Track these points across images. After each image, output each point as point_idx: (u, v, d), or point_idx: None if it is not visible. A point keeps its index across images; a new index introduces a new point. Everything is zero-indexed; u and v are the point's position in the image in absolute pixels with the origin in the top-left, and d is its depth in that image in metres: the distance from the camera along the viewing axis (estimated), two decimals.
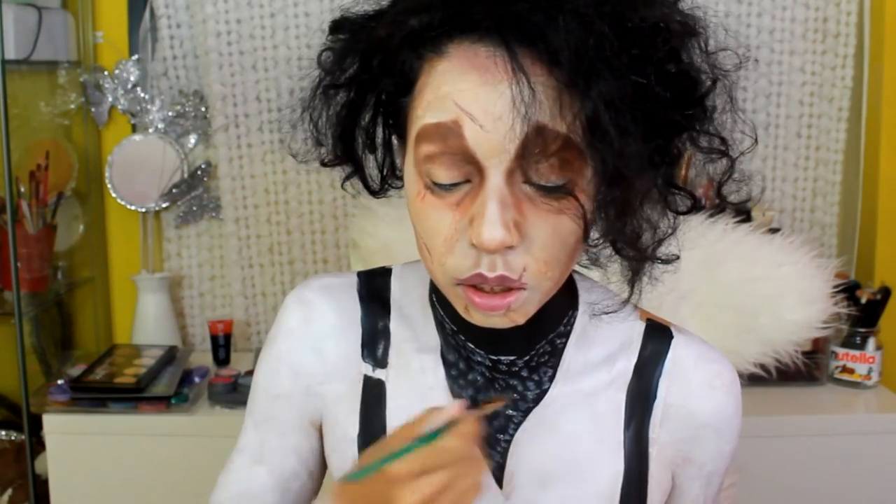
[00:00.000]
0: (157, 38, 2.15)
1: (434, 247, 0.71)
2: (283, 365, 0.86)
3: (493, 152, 0.66)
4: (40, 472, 1.93)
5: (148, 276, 2.14)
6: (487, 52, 0.66)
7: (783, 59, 2.13)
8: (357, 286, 0.87)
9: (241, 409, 1.87)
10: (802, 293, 1.39)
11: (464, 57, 0.67)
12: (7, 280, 1.93)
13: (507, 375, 0.81)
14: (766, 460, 1.82)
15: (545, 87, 0.64)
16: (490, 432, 0.81)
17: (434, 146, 0.68)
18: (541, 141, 0.65)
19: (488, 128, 0.65)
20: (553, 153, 0.66)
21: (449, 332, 0.82)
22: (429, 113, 0.68)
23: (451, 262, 0.70)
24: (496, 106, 0.65)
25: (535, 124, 0.64)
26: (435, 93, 0.68)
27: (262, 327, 2.25)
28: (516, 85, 0.63)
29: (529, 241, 0.68)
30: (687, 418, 0.82)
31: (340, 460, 0.85)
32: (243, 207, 2.18)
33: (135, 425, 1.83)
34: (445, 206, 0.69)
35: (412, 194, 0.72)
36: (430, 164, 0.69)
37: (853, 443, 1.84)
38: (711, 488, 0.88)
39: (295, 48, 2.10)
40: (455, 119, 0.66)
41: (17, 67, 1.98)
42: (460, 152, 0.67)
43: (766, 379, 1.55)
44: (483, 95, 0.65)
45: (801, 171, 2.20)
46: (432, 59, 0.69)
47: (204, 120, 2.16)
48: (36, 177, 1.98)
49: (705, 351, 0.84)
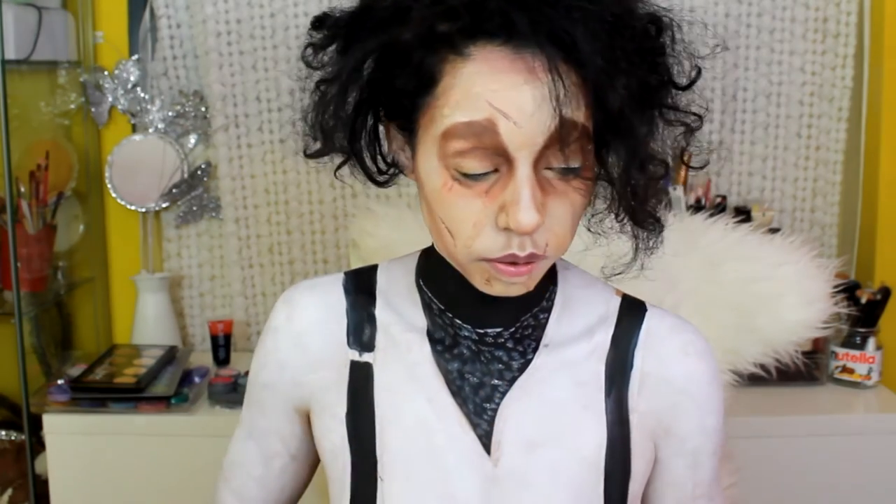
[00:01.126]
0: (157, 38, 2.15)
1: (461, 230, 0.76)
2: (271, 359, 0.92)
3: (525, 145, 0.72)
4: (40, 472, 1.93)
5: (148, 276, 2.14)
6: (514, 52, 0.71)
7: (783, 59, 2.13)
8: (343, 281, 0.92)
9: (240, 409, 1.87)
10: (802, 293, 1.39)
11: (490, 59, 0.71)
12: (7, 280, 1.93)
13: (493, 347, 0.85)
14: (766, 460, 1.82)
15: (570, 84, 0.70)
16: (477, 402, 0.85)
17: (466, 143, 0.73)
18: (565, 132, 0.71)
19: (522, 124, 0.71)
20: (574, 141, 0.73)
21: (436, 311, 0.86)
22: (458, 112, 0.73)
23: (480, 244, 0.75)
24: (530, 103, 0.70)
25: (561, 118, 0.71)
26: (465, 93, 0.72)
27: (262, 327, 2.24)
28: (552, 83, 0.69)
29: (550, 218, 0.75)
30: (662, 385, 0.87)
31: (330, 439, 0.89)
32: (243, 207, 2.18)
33: (135, 425, 1.83)
34: (474, 194, 0.74)
35: (436, 186, 0.76)
36: (460, 158, 0.74)
37: (853, 443, 1.85)
38: (701, 471, 0.89)
39: (295, 48, 2.10)
40: (489, 118, 0.71)
41: (17, 67, 1.98)
42: (492, 147, 0.72)
43: (766, 379, 1.54)
44: (517, 94, 0.71)
45: (801, 171, 2.20)
46: (455, 60, 0.73)
47: (204, 120, 2.16)
48: (36, 177, 1.98)
49: (678, 322, 0.90)
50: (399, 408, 0.85)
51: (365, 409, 0.86)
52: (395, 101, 0.78)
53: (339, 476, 0.88)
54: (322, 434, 0.90)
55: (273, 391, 0.93)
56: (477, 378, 0.85)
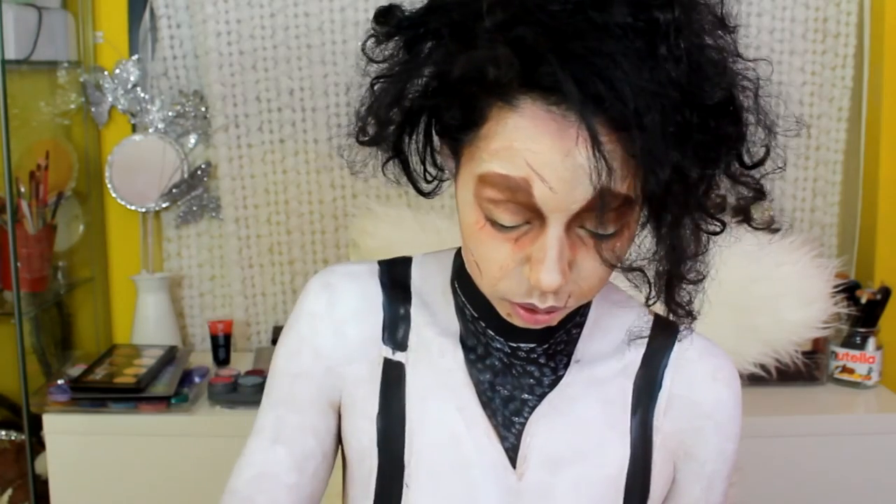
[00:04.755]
0: (157, 38, 2.15)
1: (488, 270, 0.75)
2: (306, 345, 0.88)
3: (559, 209, 0.69)
4: (40, 472, 1.93)
5: (148, 276, 2.14)
6: (562, 114, 0.66)
7: (783, 59, 2.13)
8: (378, 273, 0.89)
9: (240, 409, 1.89)
10: (802, 293, 1.39)
11: (537, 116, 0.68)
12: (7, 280, 1.93)
13: (525, 362, 0.84)
14: (766, 460, 1.82)
15: (613, 152, 0.66)
16: (506, 415, 0.84)
17: (500, 194, 0.70)
18: (603, 203, 0.68)
19: (557, 190, 0.68)
20: (613, 209, 0.69)
21: (469, 318, 0.85)
22: (496, 162, 0.70)
23: (505, 286, 0.74)
24: (567, 171, 0.67)
25: (601, 187, 0.67)
26: (505, 145, 0.69)
27: (262, 327, 2.25)
28: (592, 158, 0.65)
29: (577, 274, 0.73)
30: (689, 408, 0.86)
31: (358, 439, 0.87)
32: (243, 207, 2.18)
33: (135, 425, 1.83)
34: (504, 239, 0.73)
35: (470, 220, 0.74)
36: (493, 206, 0.71)
37: (853, 443, 1.85)
38: (714, 494, 0.89)
39: (295, 48, 2.10)
40: (525, 177, 0.68)
41: (17, 67, 1.98)
42: (525, 204, 0.70)
43: (766, 379, 1.55)
44: (556, 160, 0.67)
45: (801, 171, 2.20)
46: (502, 107, 0.69)
47: (204, 120, 2.16)
48: (36, 177, 1.98)
49: (709, 346, 0.89)
50: (429, 414, 0.84)
51: (396, 412, 0.85)
52: (445, 123, 0.76)
53: (363, 478, 0.87)
54: (351, 433, 0.87)
55: (307, 381, 0.87)
56: (507, 391, 0.84)
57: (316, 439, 0.88)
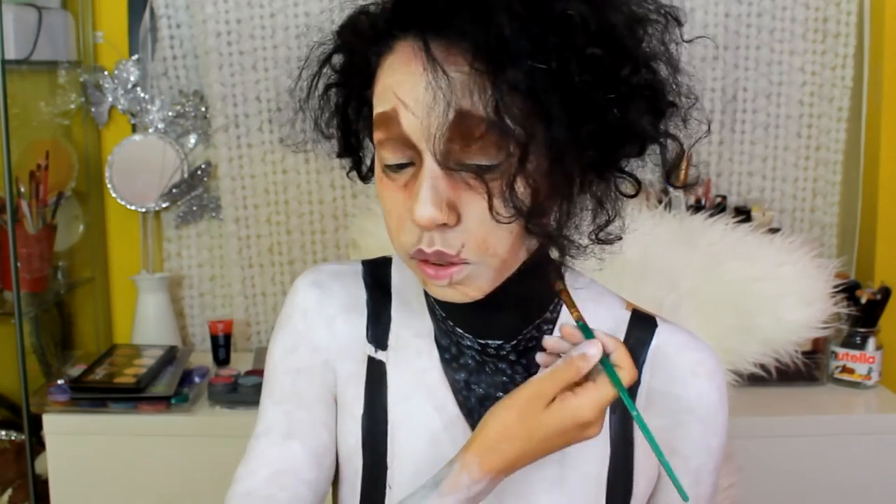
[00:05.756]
0: (157, 38, 2.15)
1: (391, 224, 0.76)
2: (303, 340, 0.88)
3: (425, 137, 0.71)
4: (40, 472, 1.93)
5: (148, 276, 2.14)
6: (417, 46, 0.71)
7: (783, 59, 2.13)
8: (362, 273, 0.91)
9: (240, 410, 1.89)
10: (802, 293, 1.38)
11: (402, 51, 0.73)
12: (7, 280, 1.93)
13: (496, 359, 0.84)
14: (766, 460, 1.82)
15: (466, 75, 0.69)
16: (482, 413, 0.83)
17: (382, 133, 0.74)
18: (465, 125, 0.69)
19: (419, 114, 0.71)
20: (479, 136, 0.70)
21: (439, 317, 0.86)
22: (378, 103, 0.74)
23: (402, 238, 0.75)
24: (426, 94, 0.70)
25: (458, 109, 0.69)
26: (381, 84, 0.74)
27: (262, 327, 2.25)
28: (431, 73, 0.69)
29: (467, 219, 0.72)
30: (670, 404, 0.85)
31: (344, 437, 0.87)
32: (243, 207, 2.18)
33: (135, 425, 1.83)
34: (396, 188, 0.75)
35: (376, 178, 0.78)
36: (381, 149, 0.75)
37: (853, 443, 1.85)
38: (701, 488, 0.88)
39: (295, 48, 2.10)
40: (394, 107, 0.72)
41: (17, 67, 1.98)
42: (400, 138, 0.72)
43: (766, 379, 1.54)
44: (415, 84, 0.71)
45: (801, 171, 2.20)
46: (385, 55, 0.75)
47: (204, 120, 2.16)
48: (36, 177, 1.98)
49: (689, 339, 0.87)
50: (409, 415, 0.85)
51: (379, 413, 0.86)
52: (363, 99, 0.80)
53: (351, 478, 0.87)
54: (340, 431, 0.88)
55: (310, 375, 0.87)
56: (482, 389, 0.85)
57: (329, 433, 0.87)
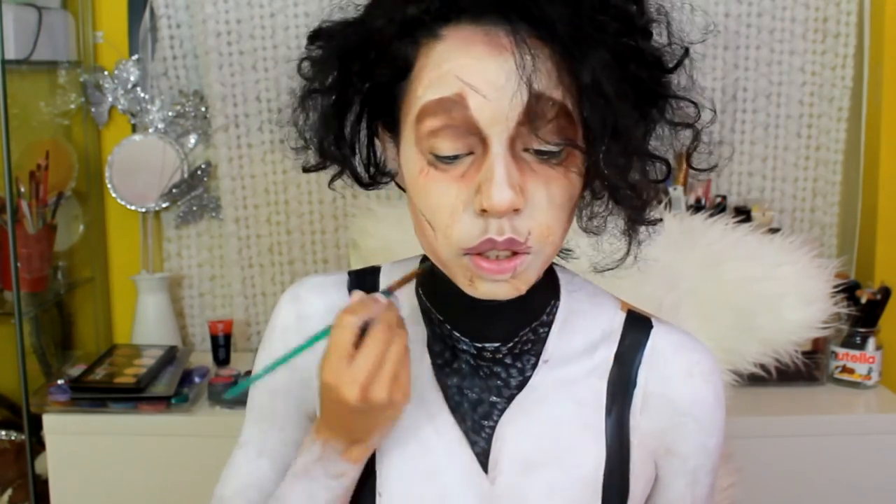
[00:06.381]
0: (157, 38, 2.15)
1: (439, 220, 0.73)
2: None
3: (496, 121, 0.69)
4: (40, 472, 1.93)
5: (148, 276, 2.14)
6: (486, 30, 0.70)
7: (783, 59, 2.13)
8: (347, 283, 0.91)
9: (241, 410, 1.86)
10: (802, 293, 1.38)
11: (461, 37, 0.71)
12: (7, 280, 1.93)
13: (492, 363, 0.83)
14: (766, 460, 1.82)
15: (542, 58, 0.69)
16: (475, 419, 0.83)
17: (438, 121, 0.71)
18: (540, 108, 0.69)
19: (491, 97, 0.69)
20: (550, 119, 0.70)
21: (435, 321, 0.85)
22: (430, 91, 0.72)
23: (458, 232, 0.72)
24: (499, 76, 0.69)
25: (535, 92, 0.68)
26: (436, 71, 0.71)
27: (262, 327, 2.25)
28: (518, 55, 0.67)
29: (532, 205, 0.72)
30: (666, 406, 0.84)
31: None
32: (243, 207, 2.18)
33: (135, 425, 1.83)
34: (449, 179, 0.72)
35: (414, 173, 0.75)
36: (434, 139, 0.72)
37: (853, 443, 1.85)
38: (699, 488, 0.88)
39: (295, 48, 2.10)
40: (459, 92, 0.70)
41: (17, 67, 1.98)
42: (464, 124, 0.70)
43: (766, 379, 1.54)
44: (485, 67, 0.69)
45: (801, 171, 2.20)
46: (429, 42, 0.72)
47: (204, 120, 2.16)
48: (36, 177, 1.98)
49: (685, 340, 0.87)
50: (399, 422, 0.83)
51: None
52: (379, 95, 0.78)
53: None
54: None
55: (286, 396, 0.90)
56: (475, 394, 0.84)
57: None
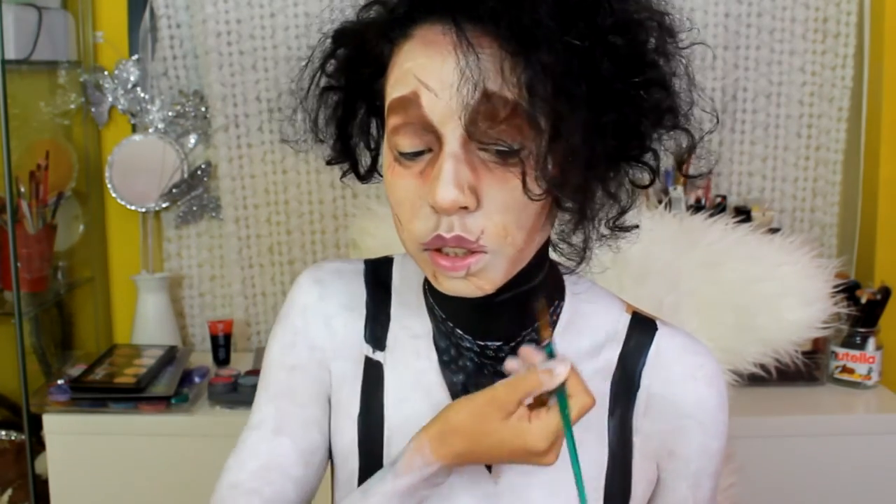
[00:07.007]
0: (157, 38, 2.15)
1: (402, 214, 0.75)
2: (300, 338, 0.88)
3: (448, 118, 0.71)
4: (40, 472, 1.93)
5: (148, 276, 2.14)
6: (442, 29, 0.71)
7: (783, 59, 2.13)
8: (364, 272, 0.91)
9: (241, 409, 1.89)
10: (802, 293, 1.38)
11: (423, 36, 0.73)
12: (7, 280, 1.93)
13: (495, 362, 0.83)
14: (766, 460, 1.82)
15: (493, 57, 0.69)
16: None
17: (399, 118, 0.73)
18: (490, 106, 0.69)
19: (442, 95, 0.70)
20: (503, 119, 0.70)
21: (439, 318, 0.85)
22: (395, 89, 0.74)
23: (416, 227, 0.74)
24: (450, 75, 0.70)
25: (483, 91, 0.69)
26: (400, 69, 0.74)
27: (262, 327, 2.25)
28: (461, 54, 0.69)
29: (487, 204, 0.72)
30: (669, 408, 0.84)
31: (340, 437, 0.87)
32: (243, 207, 2.18)
33: (135, 425, 1.83)
34: (411, 176, 0.74)
35: (385, 169, 0.77)
36: (396, 136, 0.74)
37: (853, 443, 1.85)
38: (701, 491, 0.88)
39: (295, 48, 2.10)
40: (414, 90, 0.72)
41: (17, 67, 1.98)
42: (419, 121, 0.72)
43: (766, 379, 1.54)
44: (436, 66, 0.71)
45: (801, 171, 2.20)
46: (400, 41, 0.75)
47: (204, 120, 2.16)
48: (36, 177, 1.98)
49: (689, 343, 0.87)
50: (406, 417, 0.84)
51: (376, 413, 0.85)
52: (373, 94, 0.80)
53: (346, 479, 0.87)
54: (335, 431, 0.88)
55: (305, 373, 0.88)
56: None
57: (320, 433, 0.88)
